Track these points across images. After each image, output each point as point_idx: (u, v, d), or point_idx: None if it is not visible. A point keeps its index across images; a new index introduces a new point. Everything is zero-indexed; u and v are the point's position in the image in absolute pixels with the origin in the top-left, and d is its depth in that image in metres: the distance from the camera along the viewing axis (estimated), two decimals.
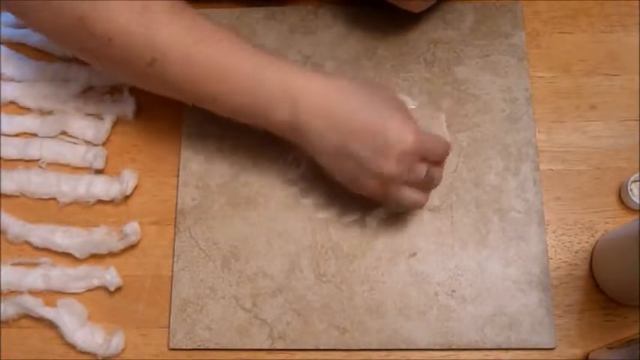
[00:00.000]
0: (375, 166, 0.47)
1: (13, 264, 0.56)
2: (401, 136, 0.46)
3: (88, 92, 0.60)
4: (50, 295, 0.55)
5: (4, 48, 0.62)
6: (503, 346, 0.52)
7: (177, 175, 0.58)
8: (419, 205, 0.50)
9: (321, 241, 0.55)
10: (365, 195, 0.50)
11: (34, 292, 0.55)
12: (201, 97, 0.49)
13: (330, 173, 0.50)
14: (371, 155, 0.46)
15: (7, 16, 0.63)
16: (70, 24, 0.47)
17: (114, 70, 0.51)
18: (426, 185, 0.50)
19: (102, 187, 0.57)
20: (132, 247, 0.56)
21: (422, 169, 0.48)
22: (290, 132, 0.48)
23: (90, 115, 0.60)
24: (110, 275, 0.54)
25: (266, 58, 0.48)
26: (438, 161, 0.50)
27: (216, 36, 0.48)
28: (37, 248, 0.56)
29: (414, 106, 0.58)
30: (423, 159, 0.48)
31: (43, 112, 0.60)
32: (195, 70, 0.47)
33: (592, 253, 0.54)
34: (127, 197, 0.57)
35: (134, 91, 0.60)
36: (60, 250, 0.56)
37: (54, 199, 0.57)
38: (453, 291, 0.53)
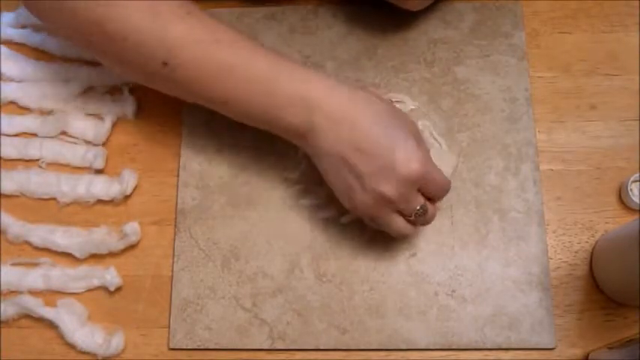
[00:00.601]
0: (374, 184, 0.46)
1: (13, 264, 0.56)
2: (408, 161, 0.45)
3: (88, 92, 0.60)
4: (50, 295, 0.55)
5: (4, 48, 0.62)
6: (504, 346, 0.52)
7: (178, 175, 0.58)
8: (404, 235, 0.49)
9: (321, 241, 0.55)
10: (353, 212, 0.49)
11: (34, 292, 0.55)
12: (213, 99, 0.49)
13: (327, 181, 0.49)
14: (373, 173, 0.45)
15: (7, 16, 0.63)
16: (86, 25, 0.47)
17: (129, 71, 0.51)
18: (418, 218, 0.48)
19: (102, 187, 0.57)
20: (132, 247, 0.56)
21: (417, 202, 0.47)
22: (298, 136, 0.48)
23: (90, 115, 0.60)
24: (110, 275, 0.54)
25: (281, 61, 0.47)
26: (433, 198, 0.49)
27: (231, 37, 0.48)
28: (37, 248, 0.56)
29: (414, 107, 0.58)
30: (421, 191, 0.47)
31: (43, 112, 0.60)
32: (208, 71, 0.47)
33: (592, 253, 0.54)
34: (127, 197, 0.57)
35: (134, 90, 0.60)
36: (60, 250, 0.56)
37: (54, 199, 0.57)
38: (453, 291, 0.53)
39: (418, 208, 0.47)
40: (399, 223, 0.48)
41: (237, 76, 0.47)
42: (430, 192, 0.48)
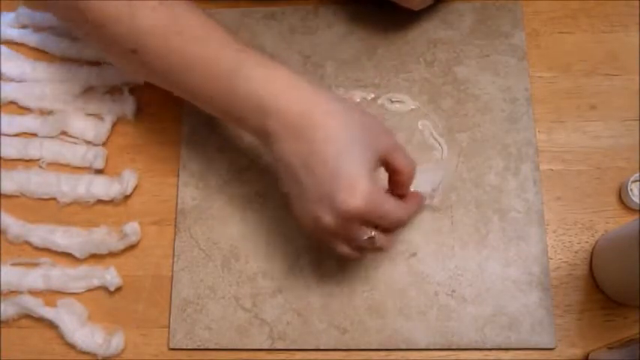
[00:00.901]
0: (313, 208, 0.43)
1: (13, 264, 0.56)
2: (349, 196, 0.41)
3: (88, 92, 0.60)
4: (50, 295, 0.55)
5: (4, 48, 0.62)
6: (503, 346, 0.52)
7: (178, 175, 0.58)
8: (348, 259, 0.47)
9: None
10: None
11: (34, 292, 0.55)
12: (181, 89, 0.49)
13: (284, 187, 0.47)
14: (313, 197, 0.43)
15: (7, 16, 0.63)
16: (68, 8, 0.48)
17: (109, 54, 0.52)
18: (365, 247, 0.46)
19: (102, 187, 0.57)
20: (132, 247, 0.56)
21: (361, 234, 0.44)
22: (258, 136, 0.46)
23: (90, 115, 0.60)
24: (110, 275, 0.54)
25: (246, 60, 0.45)
26: (388, 230, 0.46)
27: (200, 30, 0.46)
28: (37, 248, 0.56)
29: (414, 107, 0.58)
30: (369, 223, 0.44)
31: (43, 112, 0.60)
32: (174, 61, 0.46)
33: (592, 253, 0.54)
34: (127, 197, 0.57)
35: (134, 90, 0.60)
36: (60, 250, 0.56)
37: (54, 199, 0.57)
38: (453, 291, 0.53)
39: (364, 239, 0.44)
40: (342, 249, 0.46)
41: (198, 71, 0.46)
42: (382, 223, 0.44)
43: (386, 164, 0.46)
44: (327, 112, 0.43)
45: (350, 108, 0.45)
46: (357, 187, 0.42)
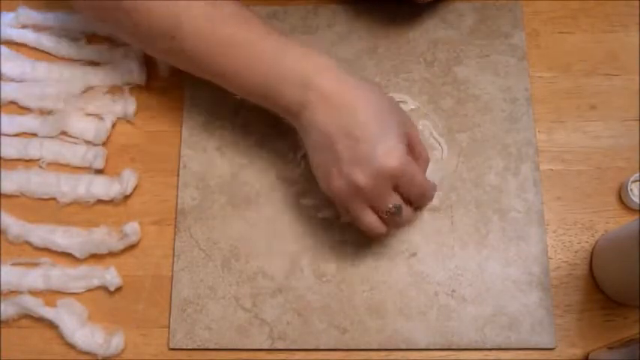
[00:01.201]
0: (350, 170, 0.46)
1: (13, 264, 0.56)
2: (387, 156, 0.45)
3: (88, 92, 0.60)
4: (50, 295, 0.55)
5: (4, 48, 0.62)
6: (503, 346, 0.52)
7: (178, 175, 0.58)
8: (374, 232, 0.49)
9: (321, 241, 0.55)
10: (329, 197, 0.49)
11: (34, 292, 0.55)
12: (217, 72, 0.50)
13: (310, 160, 0.49)
14: (351, 159, 0.46)
15: (7, 16, 0.63)
16: (113, 9, 0.50)
17: (141, 43, 0.54)
18: (390, 217, 0.48)
19: (102, 187, 0.57)
20: (132, 247, 0.56)
21: (391, 200, 0.47)
22: (293, 113, 0.48)
23: (90, 115, 0.60)
24: (110, 275, 0.54)
25: (287, 41, 0.49)
26: (413, 202, 0.49)
27: (240, 15, 0.49)
28: (37, 248, 0.56)
29: (414, 107, 0.58)
30: (399, 191, 0.47)
31: (43, 112, 0.60)
32: (215, 45, 0.49)
33: (592, 253, 0.54)
34: (127, 197, 0.57)
35: (134, 91, 0.60)
36: (60, 250, 0.56)
37: (54, 199, 0.57)
38: (453, 291, 0.53)
39: (391, 206, 0.47)
40: (370, 218, 0.48)
41: (239, 51, 0.48)
42: (410, 195, 0.48)
43: (407, 147, 0.48)
44: (366, 89, 0.47)
45: (382, 90, 0.49)
46: (395, 150, 0.46)
